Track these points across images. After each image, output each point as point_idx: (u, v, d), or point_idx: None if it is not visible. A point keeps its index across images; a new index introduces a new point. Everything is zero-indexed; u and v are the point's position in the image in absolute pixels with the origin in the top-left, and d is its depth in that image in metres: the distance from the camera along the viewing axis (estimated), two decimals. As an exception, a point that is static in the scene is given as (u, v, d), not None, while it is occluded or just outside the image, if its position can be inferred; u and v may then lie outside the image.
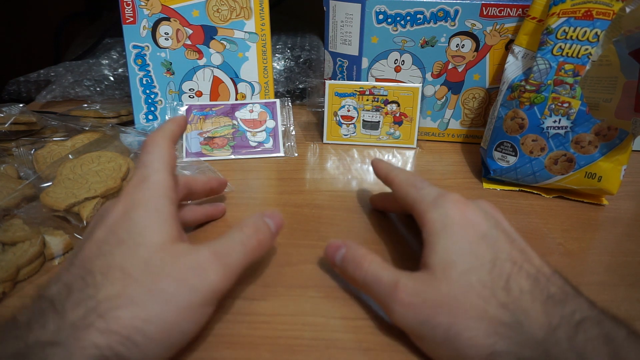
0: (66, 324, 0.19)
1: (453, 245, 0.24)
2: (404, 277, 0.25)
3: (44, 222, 0.34)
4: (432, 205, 0.27)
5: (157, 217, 0.24)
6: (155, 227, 0.23)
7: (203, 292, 0.23)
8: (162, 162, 0.27)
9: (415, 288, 0.24)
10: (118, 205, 0.24)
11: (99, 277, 0.21)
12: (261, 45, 0.52)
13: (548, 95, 0.39)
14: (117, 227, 0.23)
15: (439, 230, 0.25)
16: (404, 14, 0.48)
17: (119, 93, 0.63)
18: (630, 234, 0.37)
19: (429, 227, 0.26)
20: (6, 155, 0.43)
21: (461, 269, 0.23)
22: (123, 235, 0.23)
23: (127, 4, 0.49)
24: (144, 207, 0.24)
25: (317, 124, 0.59)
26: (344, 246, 0.29)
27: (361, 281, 0.26)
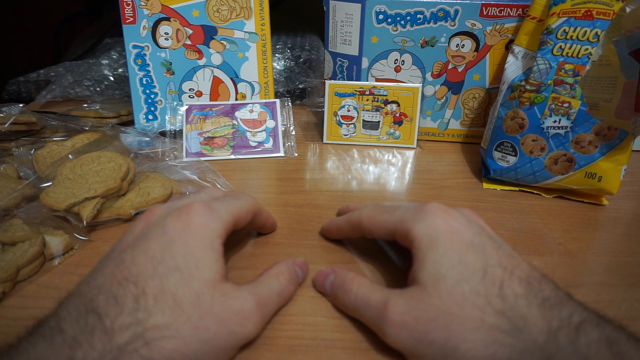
0: (113, 346, 0.19)
1: (442, 258, 0.24)
2: (394, 296, 0.24)
3: (44, 222, 0.34)
4: (415, 221, 0.26)
5: (210, 253, 0.24)
6: (209, 263, 0.24)
7: (240, 338, 0.23)
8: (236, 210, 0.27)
9: (406, 306, 0.23)
10: (178, 222, 0.25)
11: (151, 302, 0.21)
12: (261, 45, 0.52)
13: (548, 95, 0.39)
14: (174, 249, 0.23)
15: (426, 244, 0.25)
16: (404, 14, 0.48)
17: (119, 93, 0.63)
18: (630, 234, 0.37)
19: (416, 243, 0.25)
20: (6, 155, 0.43)
21: (452, 281, 0.23)
22: (180, 262, 0.23)
23: (127, 4, 0.49)
24: (201, 238, 0.24)
25: (317, 124, 0.59)
26: (332, 273, 0.29)
27: (351, 305, 0.26)
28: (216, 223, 0.25)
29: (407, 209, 0.27)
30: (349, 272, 0.28)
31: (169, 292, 0.22)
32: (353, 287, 0.26)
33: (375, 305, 0.24)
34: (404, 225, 0.26)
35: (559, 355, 0.19)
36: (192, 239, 0.24)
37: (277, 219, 0.38)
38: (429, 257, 0.24)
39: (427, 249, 0.25)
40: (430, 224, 0.25)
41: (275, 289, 0.26)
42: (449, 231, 0.25)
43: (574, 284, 0.31)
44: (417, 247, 0.25)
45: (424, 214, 0.26)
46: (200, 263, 0.23)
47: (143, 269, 0.22)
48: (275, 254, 0.33)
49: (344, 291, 0.27)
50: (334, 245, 0.34)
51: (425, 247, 0.25)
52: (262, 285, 0.26)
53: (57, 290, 0.29)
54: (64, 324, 0.20)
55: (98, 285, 0.22)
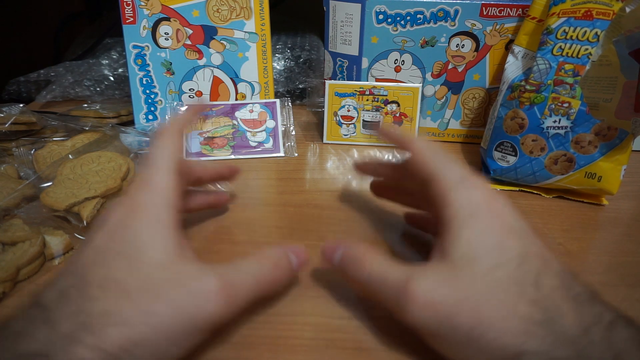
0: (56, 336, 0.19)
1: (479, 237, 0.22)
2: (417, 273, 0.22)
3: (44, 222, 0.34)
4: (458, 185, 0.24)
5: (159, 230, 0.23)
6: (157, 243, 0.22)
7: (198, 322, 0.21)
8: (167, 160, 0.25)
9: (433, 284, 0.22)
10: (119, 209, 0.23)
11: (95, 290, 0.20)
12: (261, 45, 0.52)
13: (548, 95, 0.39)
14: (117, 235, 0.22)
15: (465, 216, 0.23)
16: (404, 14, 0.48)
17: (119, 93, 0.63)
18: (630, 234, 0.37)
19: (453, 210, 0.23)
20: (6, 155, 0.43)
21: (487, 265, 0.21)
22: (123, 246, 0.22)
23: (127, 4, 0.49)
24: (145, 217, 0.23)
25: (317, 124, 0.59)
26: (341, 246, 0.26)
27: (365, 282, 0.24)
28: (159, 195, 0.24)
29: (455, 169, 0.25)
30: (360, 246, 0.26)
31: (114, 279, 0.21)
32: (366, 263, 0.24)
33: (395, 282, 0.23)
34: (445, 182, 0.24)
35: (591, 349, 0.19)
36: (134, 220, 0.22)
37: (277, 219, 0.38)
38: (465, 233, 0.22)
39: (464, 222, 0.23)
40: (473, 196, 0.23)
41: (251, 270, 0.24)
42: (489, 210, 0.23)
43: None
44: (453, 216, 0.23)
45: (470, 184, 0.24)
46: (146, 245, 0.22)
47: (86, 260, 0.22)
48: (275, 254, 0.33)
49: (355, 267, 0.25)
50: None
51: (462, 220, 0.23)
52: (235, 266, 0.24)
53: (57, 290, 0.29)
54: (12, 321, 0.20)
55: (49, 283, 0.21)
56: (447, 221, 0.24)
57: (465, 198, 0.24)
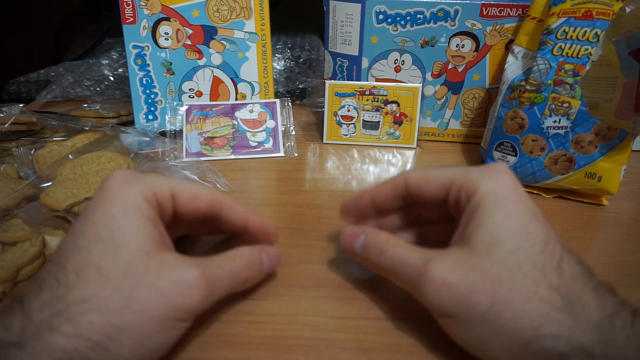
0: (31, 325, 0.19)
1: (504, 221, 0.22)
2: (436, 256, 0.23)
3: (44, 222, 0.34)
4: (483, 175, 0.24)
5: (137, 219, 0.22)
6: (136, 231, 0.22)
7: (181, 309, 0.22)
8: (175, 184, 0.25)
9: (450, 266, 0.22)
10: (98, 195, 0.23)
11: (72, 276, 0.20)
12: (261, 45, 0.52)
13: (548, 95, 0.39)
14: (94, 219, 0.22)
15: (491, 202, 0.23)
16: (404, 14, 0.48)
17: (119, 93, 0.63)
18: (630, 234, 0.37)
19: (479, 198, 0.23)
20: (6, 155, 0.43)
21: (509, 248, 0.22)
22: (102, 232, 0.21)
23: (127, 4, 0.49)
24: (123, 205, 0.22)
25: (317, 124, 0.59)
26: (362, 233, 0.27)
27: (387, 267, 0.25)
28: (139, 186, 0.23)
29: (469, 167, 0.26)
30: (381, 233, 0.26)
31: (92, 264, 0.20)
32: (389, 247, 0.25)
33: (415, 264, 0.23)
34: (468, 177, 0.24)
35: (615, 335, 0.19)
36: (111, 206, 0.22)
37: (277, 219, 0.38)
38: (489, 218, 0.23)
39: (490, 208, 0.23)
40: (499, 182, 0.24)
41: (227, 268, 0.25)
42: (516, 194, 0.23)
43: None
44: (478, 203, 0.23)
45: (493, 172, 0.24)
46: (125, 231, 0.22)
47: (65, 247, 0.21)
48: (275, 254, 0.33)
49: (379, 252, 0.25)
50: (335, 246, 0.34)
51: (488, 206, 0.23)
52: (213, 261, 0.24)
53: (57, 290, 0.29)
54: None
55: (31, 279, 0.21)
56: (472, 210, 0.23)
57: (492, 184, 0.24)
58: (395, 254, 0.25)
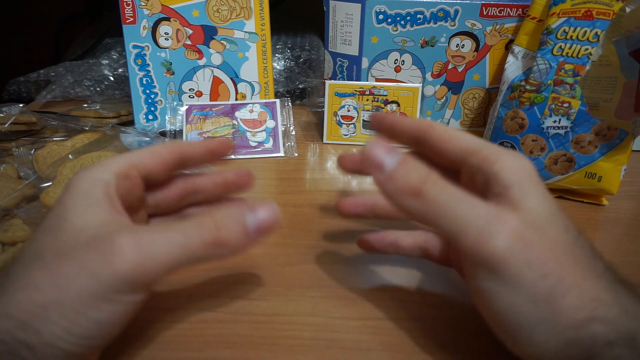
0: None
1: (544, 200, 0.21)
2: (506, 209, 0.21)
3: (44, 222, 0.34)
4: (507, 153, 0.22)
5: (85, 200, 0.22)
6: (81, 212, 0.21)
7: (103, 279, 0.19)
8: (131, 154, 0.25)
9: (527, 223, 0.20)
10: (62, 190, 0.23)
11: (16, 266, 0.20)
12: (261, 45, 0.52)
13: (548, 95, 0.39)
14: (51, 212, 0.22)
15: (525, 177, 0.21)
16: (404, 14, 0.48)
17: (119, 93, 0.63)
18: (630, 234, 0.37)
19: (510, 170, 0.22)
20: (6, 155, 0.43)
21: (563, 225, 0.21)
22: (52, 220, 0.21)
23: (127, 4, 0.49)
24: (76, 191, 0.22)
25: (317, 124, 0.59)
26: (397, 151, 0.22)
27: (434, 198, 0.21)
28: (92, 170, 0.23)
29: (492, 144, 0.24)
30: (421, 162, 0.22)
31: (34, 250, 0.21)
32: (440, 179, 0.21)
33: (485, 207, 0.20)
34: (491, 150, 0.23)
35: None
36: (67, 195, 0.22)
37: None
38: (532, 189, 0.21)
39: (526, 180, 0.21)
40: (525, 163, 0.22)
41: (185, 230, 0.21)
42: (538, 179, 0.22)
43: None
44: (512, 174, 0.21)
45: (515, 153, 0.23)
46: (69, 214, 0.21)
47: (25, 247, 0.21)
48: (275, 254, 0.33)
49: (425, 178, 0.21)
50: (335, 246, 0.34)
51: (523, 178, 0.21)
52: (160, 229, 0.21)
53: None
54: None
55: None
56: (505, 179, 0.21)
57: (518, 164, 0.22)
58: (450, 190, 0.21)
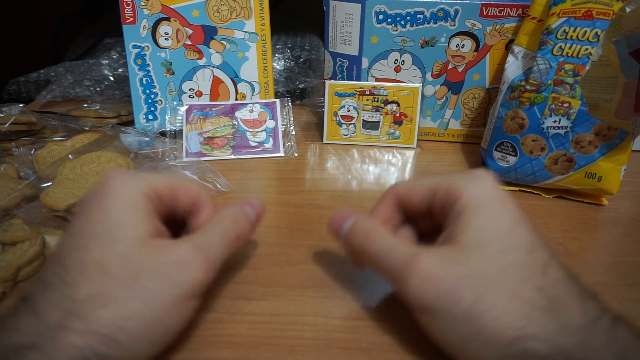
0: (44, 326, 0.19)
1: (491, 224, 0.23)
2: (424, 250, 0.23)
3: (44, 222, 0.34)
4: (465, 180, 0.24)
5: (132, 211, 0.23)
6: (130, 222, 0.23)
7: (185, 286, 0.22)
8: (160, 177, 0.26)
9: (438, 261, 0.22)
10: (94, 192, 0.24)
11: (76, 274, 0.21)
12: (261, 45, 0.52)
13: (548, 95, 0.39)
14: (91, 217, 0.23)
15: (476, 205, 0.23)
16: (404, 14, 0.48)
17: (119, 93, 0.63)
18: (630, 234, 0.37)
19: (464, 202, 0.23)
20: (6, 155, 0.43)
21: (497, 248, 0.22)
22: (98, 228, 0.22)
23: (127, 4, 0.49)
24: (118, 199, 0.23)
25: (317, 124, 0.59)
26: (352, 217, 0.26)
27: (372, 252, 0.24)
28: (136, 181, 0.24)
29: (452, 173, 0.26)
30: (372, 220, 0.26)
31: (92, 260, 0.21)
32: (377, 235, 0.25)
33: (402, 255, 0.23)
34: (452, 183, 0.25)
35: (597, 341, 0.19)
36: (108, 202, 0.23)
37: (277, 219, 0.38)
38: (476, 220, 0.23)
39: (475, 210, 0.23)
40: (483, 186, 0.24)
41: (216, 231, 0.25)
42: (499, 199, 0.23)
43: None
44: (464, 206, 0.23)
45: (476, 177, 0.25)
46: (120, 224, 0.22)
47: (64, 246, 0.22)
48: (276, 254, 0.33)
49: (365, 236, 0.25)
50: (335, 246, 0.34)
51: (474, 208, 0.23)
52: (201, 232, 0.25)
53: (57, 290, 0.29)
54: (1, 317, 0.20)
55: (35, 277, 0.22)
56: (457, 212, 0.24)
57: (475, 188, 0.24)
58: (383, 242, 0.24)
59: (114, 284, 0.21)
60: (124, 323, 0.20)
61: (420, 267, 0.22)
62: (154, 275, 0.21)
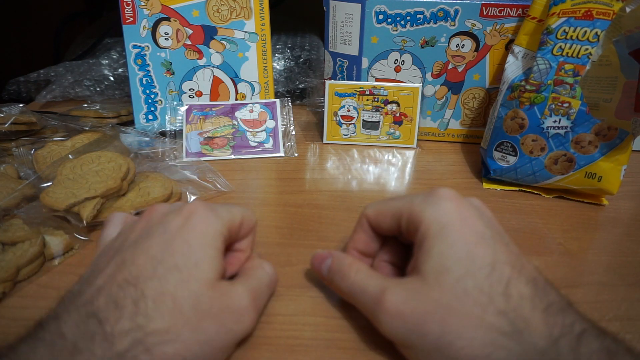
0: (113, 352, 0.19)
1: (449, 249, 0.23)
2: (392, 286, 0.24)
3: (44, 222, 0.34)
4: (425, 204, 0.25)
5: (212, 251, 0.24)
6: (209, 261, 0.23)
7: (238, 335, 0.24)
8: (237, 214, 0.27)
9: (403, 296, 0.23)
10: (180, 219, 0.24)
11: (151, 305, 0.21)
12: (261, 45, 0.52)
13: (548, 95, 0.39)
14: (174, 248, 0.23)
15: (435, 232, 0.23)
16: (404, 14, 0.48)
17: (119, 93, 0.63)
18: (630, 234, 0.37)
19: (424, 229, 0.24)
20: (6, 155, 0.43)
21: (457, 275, 0.22)
22: (179, 261, 0.22)
23: (127, 4, 0.49)
24: (203, 237, 0.24)
25: (317, 124, 0.59)
26: (329, 256, 0.28)
27: (347, 291, 0.26)
28: (218, 221, 0.25)
29: (416, 195, 0.26)
30: (347, 257, 0.27)
31: (169, 293, 0.21)
32: (351, 273, 0.26)
33: (372, 293, 0.24)
34: (412, 209, 0.25)
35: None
36: (192, 237, 0.23)
37: (277, 219, 0.38)
38: (436, 248, 0.23)
39: (435, 237, 0.23)
40: (441, 209, 0.24)
41: (264, 280, 0.27)
42: (460, 220, 0.24)
43: (574, 284, 0.31)
44: (425, 233, 0.24)
45: (436, 199, 0.25)
46: (200, 262, 0.23)
47: (143, 270, 0.22)
48: (276, 254, 0.33)
49: (341, 276, 0.26)
50: (335, 246, 0.34)
51: (433, 235, 0.23)
52: (252, 278, 0.26)
53: (57, 290, 0.29)
54: (65, 327, 0.20)
55: (98, 286, 0.21)
56: (420, 240, 0.24)
57: (434, 213, 0.24)
58: (356, 280, 0.25)
59: (182, 322, 0.21)
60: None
61: (388, 304, 0.23)
62: (215, 321, 0.22)
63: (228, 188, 0.42)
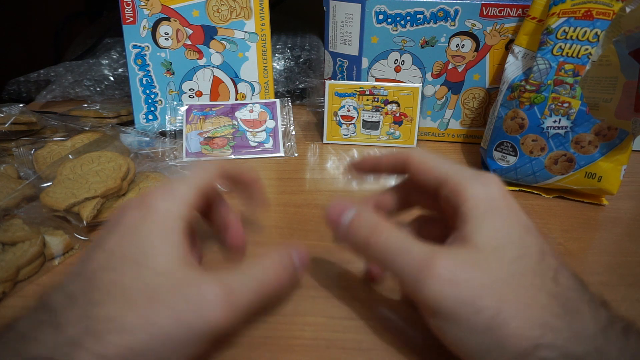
0: (62, 340, 0.19)
1: (503, 229, 0.22)
2: (443, 251, 0.22)
3: (44, 222, 0.34)
4: (475, 180, 0.23)
5: (169, 238, 0.22)
6: (164, 250, 0.22)
7: (197, 331, 0.21)
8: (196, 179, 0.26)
9: (458, 264, 0.21)
10: (133, 212, 0.23)
11: (103, 295, 0.20)
12: (261, 45, 0.52)
13: (548, 95, 0.39)
14: (127, 238, 0.22)
15: (485, 209, 0.22)
16: (404, 14, 0.48)
17: (119, 93, 0.63)
18: (630, 234, 0.37)
19: (472, 203, 0.23)
20: (6, 155, 0.43)
21: (513, 255, 0.21)
22: (130, 250, 0.22)
23: (127, 4, 0.49)
24: (158, 223, 0.23)
25: (317, 124, 0.59)
26: (352, 208, 0.24)
27: (379, 250, 0.23)
28: (176, 204, 0.23)
29: (466, 168, 0.25)
30: (375, 214, 0.24)
31: (120, 283, 0.21)
32: (384, 229, 0.23)
33: (418, 255, 0.21)
34: (459, 179, 0.24)
35: (609, 348, 0.19)
36: (147, 226, 0.22)
37: (277, 219, 0.38)
38: (488, 223, 0.22)
39: (485, 214, 0.22)
40: (493, 191, 0.23)
41: (257, 277, 0.23)
42: (509, 206, 0.23)
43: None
44: (472, 208, 0.22)
45: (486, 180, 0.24)
46: (154, 251, 0.22)
47: (96, 264, 0.21)
48: (275, 254, 0.33)
49: (371, 231, 0.23)
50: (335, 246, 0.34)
51: (483, 212, 0.22)
52: (238, 272, 0.23)
53: (57, 290, 0.29)
54: (18, 321, 0.20)
55: (57, 284, 0.21)
56: (465, 214, 0.23)
57: (485, 192, 0.23)
58: (392, 238, 0.23)
59: (131, 312, 0.20)
60: (129, 354, 0.19)
61: (440, 269, 0.21)
62: (168, 312, 0.20)
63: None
